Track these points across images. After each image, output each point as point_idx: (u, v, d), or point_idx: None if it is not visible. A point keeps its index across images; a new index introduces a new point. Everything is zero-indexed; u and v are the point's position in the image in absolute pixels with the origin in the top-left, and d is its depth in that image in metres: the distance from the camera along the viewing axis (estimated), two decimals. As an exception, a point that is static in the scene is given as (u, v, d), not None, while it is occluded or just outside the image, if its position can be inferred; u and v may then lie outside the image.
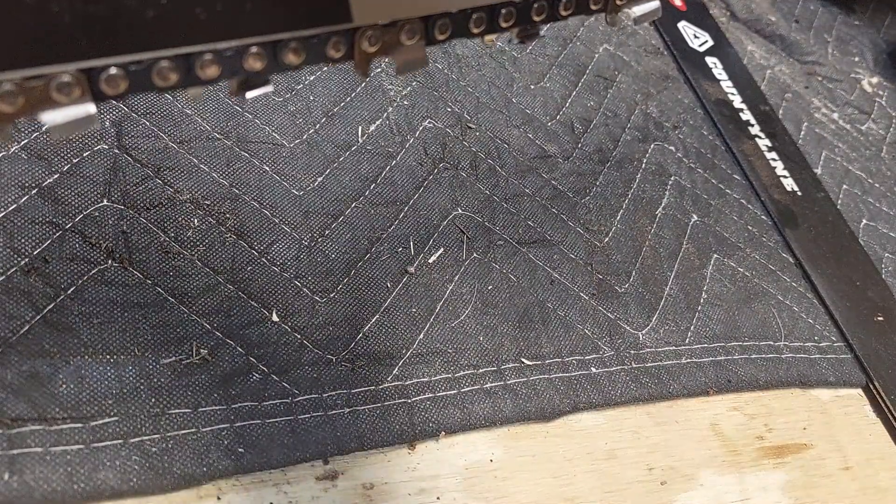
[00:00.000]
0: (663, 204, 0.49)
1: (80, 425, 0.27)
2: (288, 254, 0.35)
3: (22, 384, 0.27)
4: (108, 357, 0.29)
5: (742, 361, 0.43)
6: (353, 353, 0.34)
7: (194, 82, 0.21)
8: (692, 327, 0.43)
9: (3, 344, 0.28)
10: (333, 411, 0.31)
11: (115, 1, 0.18)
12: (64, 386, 0.28)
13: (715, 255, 0.48)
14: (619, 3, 0.29)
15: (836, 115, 0.66)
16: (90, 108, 0.20)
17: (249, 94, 0.23)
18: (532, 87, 0.51)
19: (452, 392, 0.34)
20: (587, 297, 0.41)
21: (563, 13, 0.27)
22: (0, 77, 0.18)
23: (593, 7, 0.28)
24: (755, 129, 0.59)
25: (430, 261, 0.38)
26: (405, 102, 0.44)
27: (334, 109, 0.42)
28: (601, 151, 0.50)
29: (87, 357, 0.29)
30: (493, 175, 0.44)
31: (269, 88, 0.23)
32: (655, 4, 0.30)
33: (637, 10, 0.29)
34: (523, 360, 0.37)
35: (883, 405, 0.45)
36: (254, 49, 0.22)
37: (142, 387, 0.29)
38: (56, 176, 0.32)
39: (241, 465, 0.29)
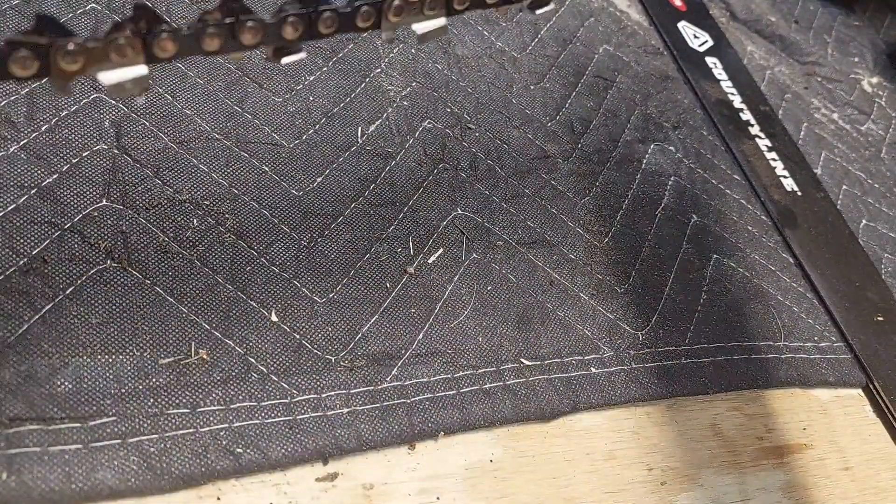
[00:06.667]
0: (663, 204, 0.49)
1: (78, 425, 0.27)
2: (287, 254, 0.35)
3: (20, 384, 0.27)
4: (106, 357, 0.29)
5: (742, 361, 0.43)
6: (352, 353, 0.34)
7: (237, 48, 0.24)
8: (692, 327, 0.43)
9: (2, 344, 0.28)
10: (332, 412, 0.31)
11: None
12: (62, 386, 0.27)
13: (715, 256, 0.47)
14: (393, 20, 0.27)
15: (835, 116, 0.66)
16: (143, 69, 0.23)
17: (285, 60, 0.26)
18: (532, 87, 0.51)
19: (452, 392, 0.34)
20: (587, 298, 0.41)
21: (324, 31, 0.26)
22: (64, 40, 0.21)
23: (361, 25, 0.27)
24: (755, 130, 0.58)
25: (430, 261, 0.38)
26: (405, 103, 0.44)
27: (334, 110, 0.41)
28: (601, 152, 0.50)
29: (85, 357, 0.28)
30: (492, 175, 0.44)
31: (301, 55, 0.25)
32: (441, 22, 0.29)
33: (420, 28, 0.29)
34: (523, 360, 0.37)
35: (883, 405, 0.45)
36: (291, 19, 0.24)
37: (140, 387, 0.29)
38: (55, 176, 0.32)
39: (240, 465, 0.29)
